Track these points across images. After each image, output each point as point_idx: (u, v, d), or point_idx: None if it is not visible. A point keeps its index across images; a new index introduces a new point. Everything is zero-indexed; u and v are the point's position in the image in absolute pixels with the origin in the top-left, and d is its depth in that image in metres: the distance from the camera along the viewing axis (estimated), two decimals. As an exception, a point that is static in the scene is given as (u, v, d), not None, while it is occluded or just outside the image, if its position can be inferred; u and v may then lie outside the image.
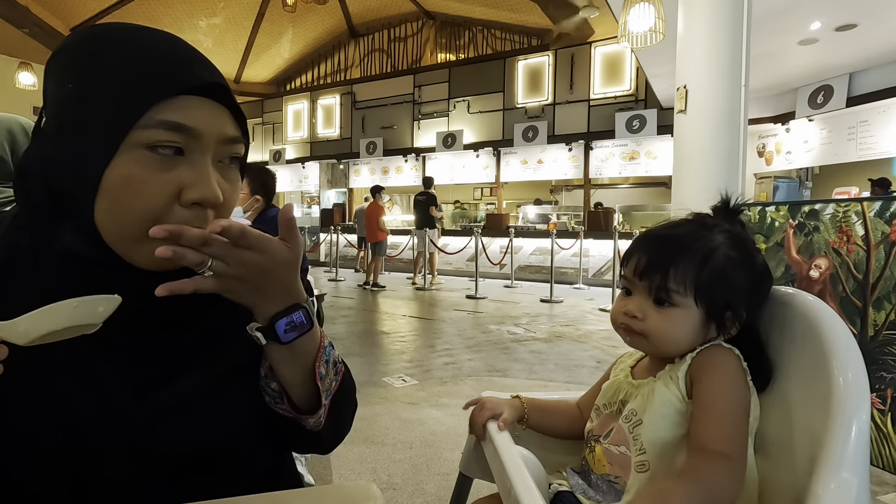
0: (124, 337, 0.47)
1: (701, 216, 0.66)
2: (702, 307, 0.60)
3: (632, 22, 3.21)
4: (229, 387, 0.51)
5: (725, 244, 0.61)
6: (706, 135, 2.56)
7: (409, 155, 9.72)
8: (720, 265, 0.60)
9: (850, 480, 0.47)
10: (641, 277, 0.62)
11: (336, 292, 6.58)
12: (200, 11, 9.34)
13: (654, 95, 6.86)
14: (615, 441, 0.63)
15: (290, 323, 0.48)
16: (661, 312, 0.61)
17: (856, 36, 4.60)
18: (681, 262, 0.60)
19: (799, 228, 2.17)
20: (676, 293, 0.60)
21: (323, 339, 0.53)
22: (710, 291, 0.60)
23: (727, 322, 0.61)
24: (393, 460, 1.89)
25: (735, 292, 0.61)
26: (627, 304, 0.63)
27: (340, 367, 0.57)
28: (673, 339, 0.61)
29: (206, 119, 0.45)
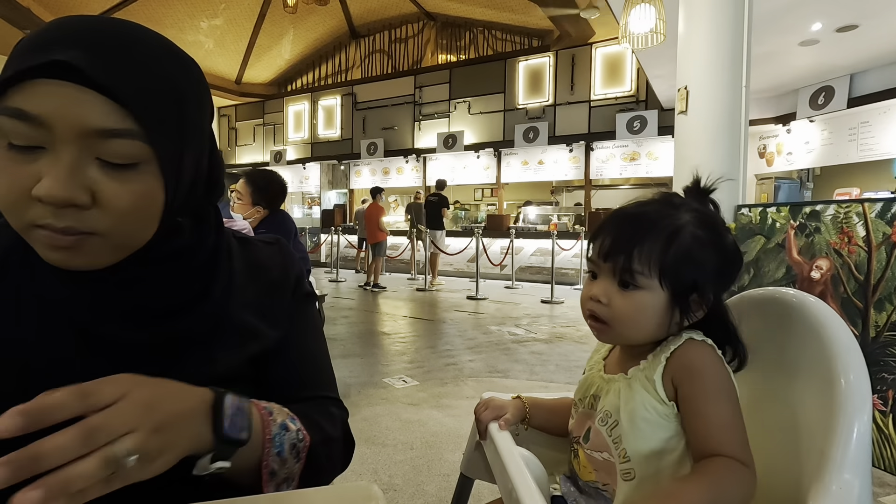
0: (112, 333, 0.45)
1: (669, 195, 0.63)
2: (667, 289, 0.57)
3: (633, 23, 3.21)
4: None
5: (692, 223, 0.58)
6: (707, 136, 2.56)
7: (410, 156, 9.73)
8: (686, 245, 0.57)
9: (852, 482, 0.47)
10: (606, 259, 0.59)
11: (337, 293, 6.58)
12: (201, 13, 9.36)
13: (654, 96, 6.86)
14: (596, 446, 0.61)
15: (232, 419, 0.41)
16: (625, 296, 0.58)
17: (857, 37, 4.60)
18: (645, 242, 0.57)
19: (800, 229, 2.17)
20: (641, 274, 0.57)
21: (268, 427, 0.46)
22: (675, 272, 0.57)
23: (692, 304, 0.58)
24: (394, 461, 1.89)
25: (701, 273, 0.58)
26: (593, 289, 0.60)
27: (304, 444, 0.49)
28: (638, 324, 0.58)
29: (59, 106, 0.38)
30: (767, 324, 0.65)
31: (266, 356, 0.54)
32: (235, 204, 2.11)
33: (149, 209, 0.43)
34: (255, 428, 0.44)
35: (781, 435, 0.59)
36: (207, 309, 0.49)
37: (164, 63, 0.43)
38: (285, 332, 0.55)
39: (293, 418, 0.49)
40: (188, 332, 0.48)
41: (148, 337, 0.46)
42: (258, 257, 0.57)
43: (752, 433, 0.62)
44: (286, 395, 0.54)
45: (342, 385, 2.75)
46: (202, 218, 0.51)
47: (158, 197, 0.43)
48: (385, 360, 3.35)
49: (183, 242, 0.48)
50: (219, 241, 0.52)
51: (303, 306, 0.59)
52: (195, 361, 0.48)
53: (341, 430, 0.56)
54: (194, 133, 0.45)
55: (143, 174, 0.42)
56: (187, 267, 0.49)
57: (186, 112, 0.44)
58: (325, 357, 0.61)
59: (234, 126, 12.10)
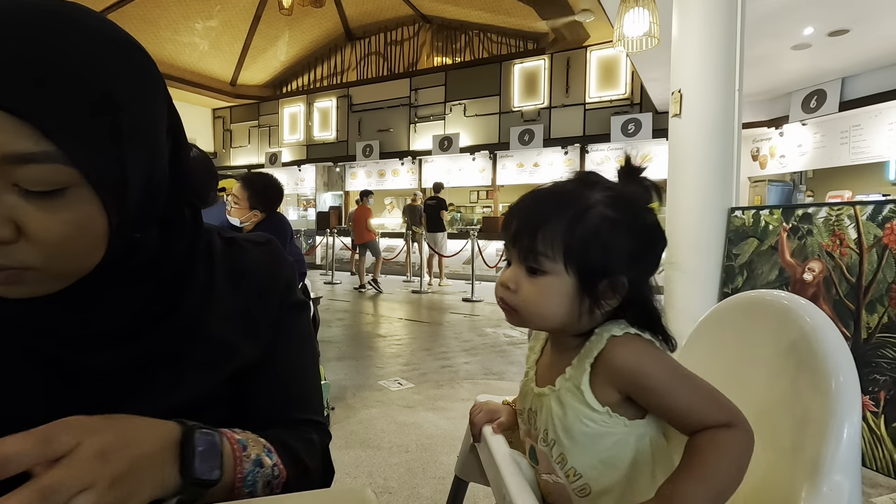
0: (69, 357, 0.42)
1: (586, 173, 0.57)
2: (573, 274, 0.52)
3: (627, 27, 3.23)
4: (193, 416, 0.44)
5: (603, 202, 0.53)
6: (701, 138, 2.57)
7: (406, 158, 9.73)
8: (593, 225, 0.52)
9: (843, 483, 0.47)
10: (514, 244, 0.55)
11: (332, 295, 6.57)
12: (197, 14, 9.33)
13: (649, 99, 6.90)
14: (545, 469, 0.59)
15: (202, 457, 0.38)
16: (532, 282, 0.54)
17: (848, 41, 4.65)
18: (550, 223, 0.52)
19: (793, 232, 2.19)
20: (545, 257, 0.52)
21: (241, 465, 0.42)
22: (581, 255, 0.52)
23: (604, 291, 0.53)
24: (389, 464, 1.89)
25: (612, 256, 0.52)
26: (504, 275, 0.56)
27: (279, 480, 0.45)
28: (544, 311, 0.54)
29: None
30: (758, 326, 0.66)
31: (246, 374, 0.49)
32: (232, 208, 2.10)
33: (86, 237, 0.37)
34: (227, 465, 0.40)
35: (772, 437, 0.59)
36: (178, 324, 0.45)
37: (90, 61, 0.35)
38: (269, 345, 0.50)
39: (270, 451, 0.45)
40: (154, 353, 0.44)
41: (108, 361, 0.42)
42: (244, 261, 0.51)
43: (745, 435, 0.62)
44: (265, 419, 0.49)
45: (337, 388, 2.74)
46: (171, 223, 0.45)
47: (97, 222, 0.37)
48: (380, 362, 3.34)
49: (144, 258, 0.43)
50: (195, 246, 0.47)
51: (291, 316, 0.53)
52: (163, 384, 0.44)
53: (321, 460, 0.51)
54: (140, 137, 0.38)
55: (74, 200, 0.35)
56: (151, 281, 0.44)
57: (125, 116, 0.37)
58: (312, 374, 0.55)
59: (230, 128, 12.07)
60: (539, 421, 0.58)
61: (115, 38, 0.38)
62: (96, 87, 0.35)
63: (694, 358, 0.74)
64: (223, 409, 0.48)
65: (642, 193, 0.56)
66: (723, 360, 0.71)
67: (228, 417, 0.48)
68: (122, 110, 0.37)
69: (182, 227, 0.46)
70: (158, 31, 9.34)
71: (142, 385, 0.44)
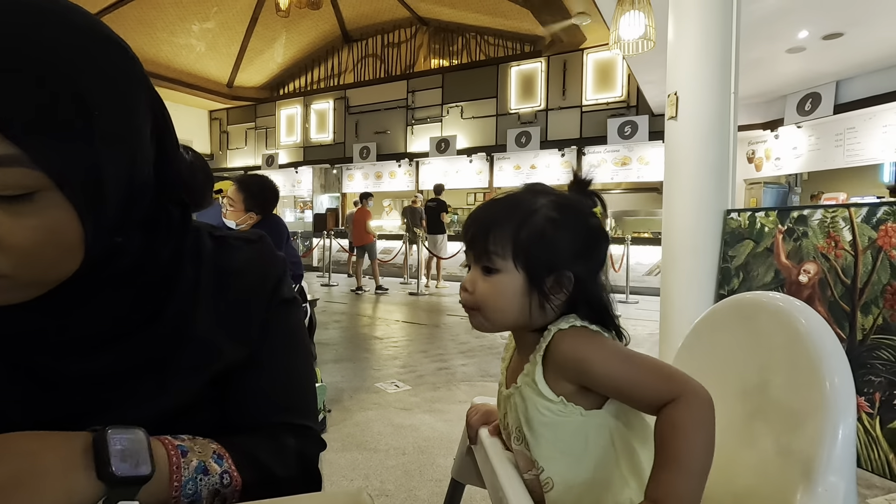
0: (46, 365, 0.40)
1: (534, 185, 0.64)
2: (521, 270, 0.57)
3: (623, 29, 3.24)
4: (176, 425, 0.43)
5: (547, 206, 0.59)
6: (697, 141, 2.59)
7: (403, 160, 9.73)
8: (538, 226, 0.58)
9: (838, 484, 0.48)
10: (470, 247, 0.61)
11: (329, 297, 6.56)
12: (193, 16, 9.32)
13: (645, 102, 6.93)
14: (524, 468, 0.61)
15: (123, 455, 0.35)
16: (487, 281, 0.59)
17: (842, 44, 4.68)
18: (500, 225, 0.58)
19: (788, 234, 2.20)
20: (496, 255, 0.58)
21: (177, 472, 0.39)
22: (527, 253, 0.57)
23: (551, 286, 0.57)
24: (385, 466, 1.88)
25: (555, 253, 0.57)
26: (464, 279, 0.62)
27: (232, 487, 0.42)
28: (500, 307, 0.58)
29: None
30: (754, 328, 0.66)
31: (230, 375, 0.47)
32: (228, 211, 2.10)
33: (59, 243, 0.35)
34: (161, 472, 0.37)
35: (767, 438, 0.59)
36: (161, 330, 0.43)
37: (59, 60, 0.33)
38: (256, 346, 0.48)
39: (220, 457, 0.42)
40: (138, 359, 0.43)
41: (90, 368, 0.41)
42: (233, 260, 0.50)
43: (742, 435, 0.62)
44: (246, 422, 0.48)
45: (334, 390, 2.73)
46: (157, 226, 0.43)
47: (70, 227, 0.35)
48: (377, 364, 3.34)
49: (126, 263, 0.41)
50: (182, 247, 0.46)
51: (279, 315, 0.51)
52: (148, 390, 0.43)
53: (297, 466, 0.47)
54: (117, 138, 0.36)
55: (44, 204, 0.34)
56: (134, 286, 0.42)
57: (99, 116, 0.35)
58: (301, 374, 0.53)
59: (226, 129, 12.05)
60: (509, 420, 0.61)
61: (91, 35, 0.36)
62: (65, 87, 0.33)
63: (690, 359, 0.74)
64: (210, 412, 0.46)
65: (586, 200, 0.62)
66: (719, 362, 0.71)
67: (215, 419, 0.46)
68: (96, 111, 0.35)
69: (168, 229, 0.44)
70: (155, 32, 9.32)
71: (125, 391, 0.42)
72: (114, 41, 0.38)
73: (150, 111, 0.41)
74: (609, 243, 0.62)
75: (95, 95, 0.35)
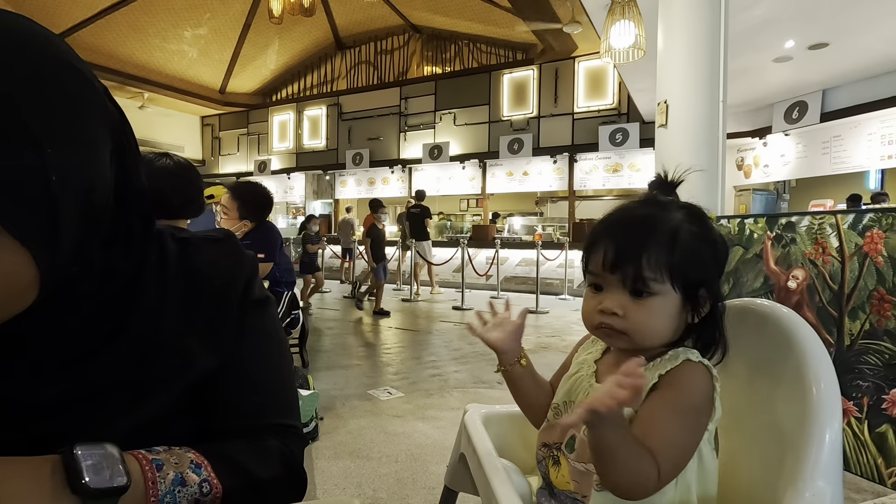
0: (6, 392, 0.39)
1: (649, 196, 0.64)
2: (679, 290, 0.57)
3: (614, 38, 3.28)
4: (150, 439, 0.42)
5: (685, 220, 0.59)
6: (686, 148, 2.62)
7: (396, 166, 9.75)
8: (687, 242, 0.58)
9: (825, 489, 0.48)
10: (613, 270, 0.58)
11: (322, 304, 6.52)
12: (186, 22, 9.30)
13: (636, 109, 7.00)
14: (581, 458, 0.60)
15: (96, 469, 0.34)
16: (640, 305, 0.57)
17: (828, 54, 4.77)
18: (651, 247, 0.56)
19: (777, 240, 2.22)
20: (654, 281, 0.56)
21: (153, 487, 0.38)
22: (684, 272, 0.57)
23: (701, 301, 0.59)
24: (378, 474, 1.87)
25: (705, 267, 0.58)
26: (603, 302, 0.58)
27: (213, 495, 0.41)
28: (656, 330, 0.58)
29: None
30: (743, 334, 0.67)
31: (206, 382, 0.46)
32: (222, 219, 2.09)
33: (12, 286, 0.34)
34: (136, 489, 0.36)
35: (754, 443, 0.60)
36: (128, 344, 0.42)
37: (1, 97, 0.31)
38: (229, 350, 0.47)
39: (198, 466, 0.41)
40: (107, 377, 0.41)
41: (58, 392, 0.39)
42: (199, 262, 0.48)
43: (730, 441, 0.63)
44: (226, 427, 0.47)
45: (326, 397, 2.72)
46: (115, 242, 0.41)
47: (21, 269, 0.33)
48: (370, 371, 3.32)
49: (86, 288, 0.39)
50: (145, 257, 0.44)
51: (252, 315, 0.49)
52: (118, 408, 0.41)
53: (281, 467, 0.46)
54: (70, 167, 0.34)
55: None
56: (94, 303, 0.41)
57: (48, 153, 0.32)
58: (279, 374, 0.51)
59: (218, 135, 12.00)
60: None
61: (44, 58, 0.33)
62: (12, 120, 0.31)
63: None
64: (187, 421, 0.46)
65: (699, 206, 0.62)
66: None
67: (193, 428, 0.46)
68: (47, 143, 0.32)
69: (129, 244, 0.42)
70: (147, 38, 9.29)
71: (97, 411, 0.41)
72: (70, 64, 0.35)
73: (110, 131, 0.39)
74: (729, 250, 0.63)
75: (43, 131, 0.32)
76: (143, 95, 10.08)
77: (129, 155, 0.41)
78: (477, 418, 0.75)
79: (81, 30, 8.35)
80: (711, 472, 0.57)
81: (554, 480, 0.63)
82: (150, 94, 10.25)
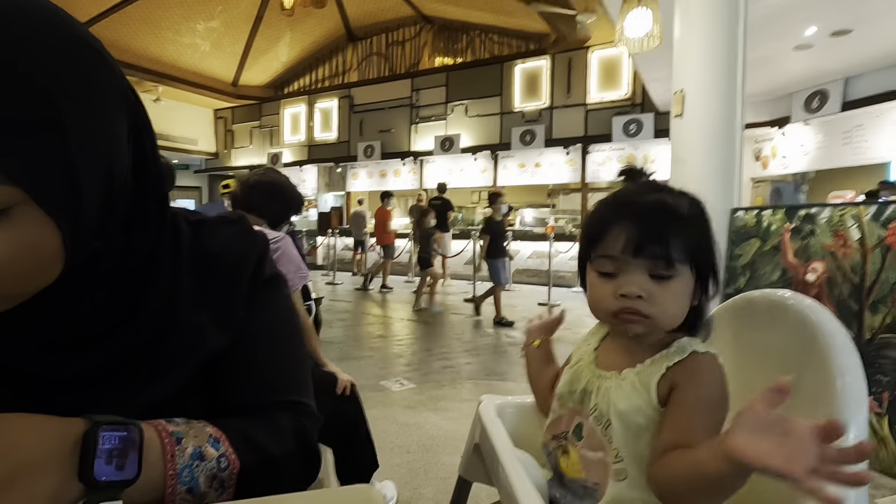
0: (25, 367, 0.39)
1: (649, 181, 0.65)
2: (695, 272, 0.59)
3: (629, 27, 3.22)
4: (165, 417, 0.42)
5: (693, 206, 0.61)
6: (703, 139, 2.57)
7: (407, 158, 9.73)
8: (702, 227, 0.60)
9: (849, 483, 0.47)
10: (637, 254, 0.57)
11: (333, 296, 6.57)
12: (198, 15, 9.35)
13: (650, 100, 6.89)
14: (591, 446, 0.61)
15: (109, 456, 0.34)
16: (662, 287, 0.57)
17: (851, 41, 4.64)
18: (676, 230, 0.58)
19: (795, 232, 2.18)
20: (680, 262, 0.57)
21: (172, 461, 0.38)
22: (702, 255, 0.59)
23: (710, 284, 0.60)
24: (390, 464, 1.88)
25: (713, 250, 0.61)
26: (623, 286, 0.58)
27: (230, 470, 0.42)
28: (675, 313, 0.59)
29: None
30: (764, 326, 0.66)
31: (219, 360, 0.46)
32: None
33: (36, 257, 0.35)
34: (153, 460, 0.37)
35: (779, 437, 0.59)
36: (144, 323, 0.43)
37: (30, 71, 0.32)
38: (241, 328, 0.48)
39: (217, 440, 0.42)
40: (123, 355, 0.42)
41: (75, 368, 0.40)
42: (212, 244, 0.49)
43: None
44: (238, 404, 0.47)
45: (339, 388, 2.74)
46: (134, 224, 0.42)
47: (49, 240, 0.35)
48: (382, 362, 3.34)
49: (107, 264, 0.40)
50: (160, 238, 0.45)
51: (263, 294, 0.50)
52: (136, 384, 0.42)
53: (295, 443, 0.47)
54: (92, 146, 0.35)
55: (20, 219, 0.33)
56: (115, 286, 0.41)
57: (72, 126, 0.34)
58: (290, 353, 0.52)
59: (231, 128, 12.09)
60: (595, 400, 0.61)
61: (62, 35, 0.34)
62: (37, 101, 0.32)
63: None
64: (200, 399, 0.46)
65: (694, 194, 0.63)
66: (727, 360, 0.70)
67: (206, 406, 0.46)
68: (69, 119, 0.34)
69: (146, 225, 0.43)
70: (160, 31, 9.36)
71: (114, 387, 0.42)
72: (87, 42, 0.36)
73: (127, 111, 0.40)
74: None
75: (68, 104, 0.34)
76: (158, 89, 10.17)
77: (146, 136, 0.42)
78: (492, 409, 0.75)
79: (96, 24, 8.43)
80: None
81: (564, 470, 0.63)
82: (164, 88, 10.32)
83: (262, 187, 1.65)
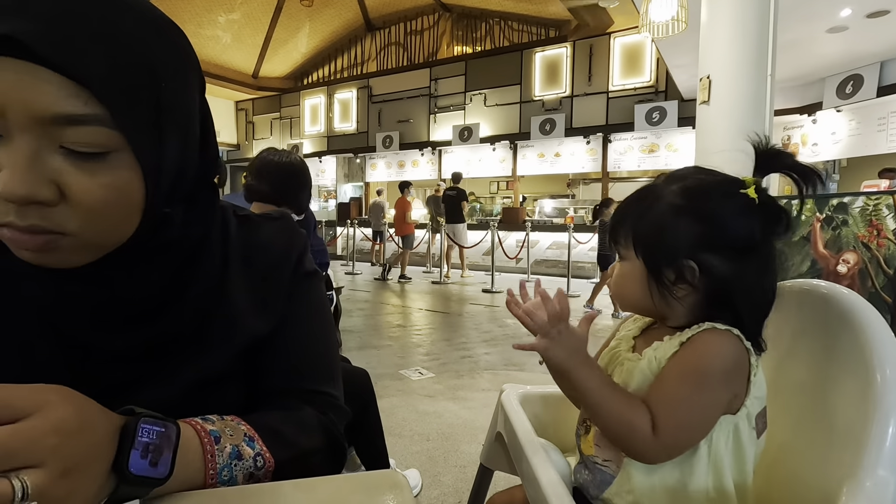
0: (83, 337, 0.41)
1: (684, 170, 0.63)
2: (640, 258, 0.59)
3: (653, 11, 3.14)
4: (206, 398, 0.45)
5: (676, 192, 0.58)
6: (730, 126, 2.50)
7: (426, 149, 9.71)
8: (658, 213, 0.58)
9: (888, 479, 0.46)
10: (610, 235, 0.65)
11: (353, 285, 6.63)
12: (219, 7, 9.44)
13: (674, 86, 6.73)
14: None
15: (145, 450, 0.34)
16: (619, 266, 0.63)
17: (888, 22, 4.43)
18: (628, 216, 0.61)
19: (826, 222, 2.11)
20: (622, 245, 0.61)
21: (212, 462, 0.39)
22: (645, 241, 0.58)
23: (671, 277, 0.56)
24: (410, 452, 1.90)
25: (675, 242, 0.56)
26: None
27: (266, 468, 0.43)
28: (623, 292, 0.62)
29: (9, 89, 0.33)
30: (799, 316, 0.64)
31: (258, 348, 0.49)
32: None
33: (124, 204, 0.38)
34: (192, 460, 0.38)
35: (814, 428, 0.57)
36: (193, 304, 0.45)
37: (136, 32, 0.37)
38: (280, 318, 0.50)
39: (252, 439, 0.43)
40: (169, 334, 0.44)
41: (126, 342, 0.42)
42: (257, 237, 0.52)
43: (786, 426, 0.60)
44: (271, 387, 0.49)
45: (359, 376, 2.77)
46: (194, 203, 0.45)
47: (135, 189, 0.38)
48: (401, 352, 3.37)
49: (171, 235, 0.43)
50: (212, 225, 0.47)
51: (302, 286, 0.53)
52: (177, 364, 0.44)
53: (323, 439, 0.48)
54: (177, 112, 0.39)
55: (116, 164, 0.36)
56: (172, 262, 0.44)
57: (165, 89, 0.38)
58: (324, 343, 0.54)
59: (252, 120, 12.22)
60: (617, 376, 0.62)
61: (158, 20, 0.39)
62: (142, 59, 0.37)
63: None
64: (238, 384, 0.48)
65: (730, 180, 0.59)
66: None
67: (243, 392, 0.48)
68: (165, 85, 0.38)
69: (204, 207, 0.46)
70: (182, 24, 9.34)
71: (159, 365, 0.43)
72: (174, 27, 0.41)
73: (199, 94, 0.43)
74: (748, 230, 0.57)
75: (163, 73, 0.38)
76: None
77: (208, 121, 0.45)
78: (514, 398, 0.75)
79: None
80: (749, 454, 0.55)
81: (582, 448, 0.64)
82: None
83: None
